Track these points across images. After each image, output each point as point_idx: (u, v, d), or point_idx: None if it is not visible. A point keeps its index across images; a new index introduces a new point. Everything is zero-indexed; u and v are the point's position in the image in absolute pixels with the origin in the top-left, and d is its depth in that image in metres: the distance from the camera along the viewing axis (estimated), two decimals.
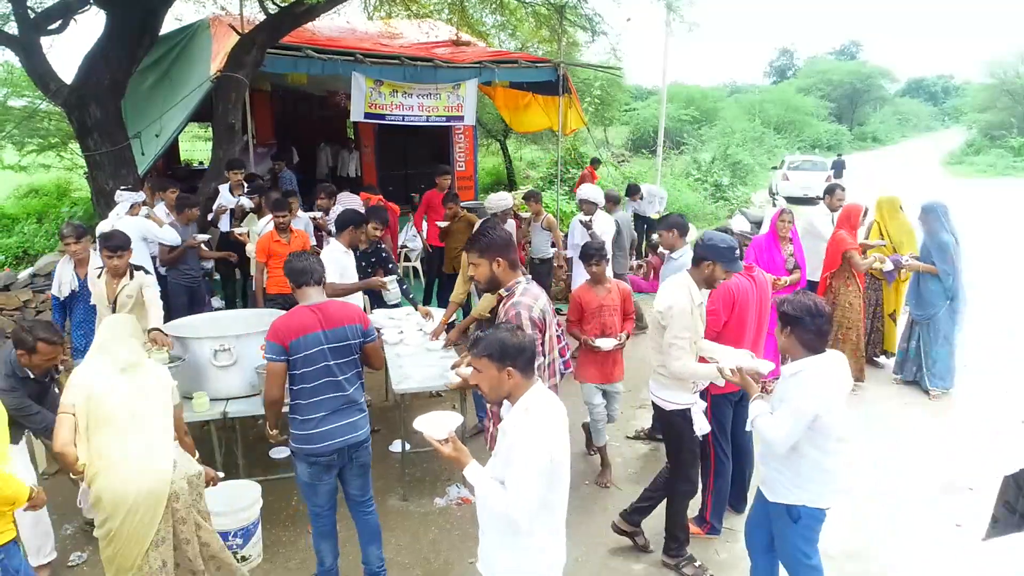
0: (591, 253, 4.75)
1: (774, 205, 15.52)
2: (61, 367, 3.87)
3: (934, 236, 6.05)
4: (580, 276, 6.04)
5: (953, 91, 65.70)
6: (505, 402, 2.50)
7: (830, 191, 6.94)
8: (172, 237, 6.04)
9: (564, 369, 4.16)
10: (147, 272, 5.00)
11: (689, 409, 3.71)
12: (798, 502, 3.00)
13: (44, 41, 7.02)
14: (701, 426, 3.74)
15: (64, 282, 5.04)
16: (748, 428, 3.13)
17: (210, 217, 7.09)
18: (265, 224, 6.32)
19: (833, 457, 2.96)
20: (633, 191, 10.75)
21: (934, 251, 6.05)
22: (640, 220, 10.97)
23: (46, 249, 9.31)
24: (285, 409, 3.41)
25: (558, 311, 8.52)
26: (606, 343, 4.61)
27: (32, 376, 3.58)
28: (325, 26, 9.33)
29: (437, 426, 2.47)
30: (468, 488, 4.56)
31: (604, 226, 6.83)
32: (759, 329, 4.12)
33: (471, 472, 2.40)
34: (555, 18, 10.40)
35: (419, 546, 4.18)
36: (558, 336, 3.53)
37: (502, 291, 3.25)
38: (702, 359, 3.57)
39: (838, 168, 22.52)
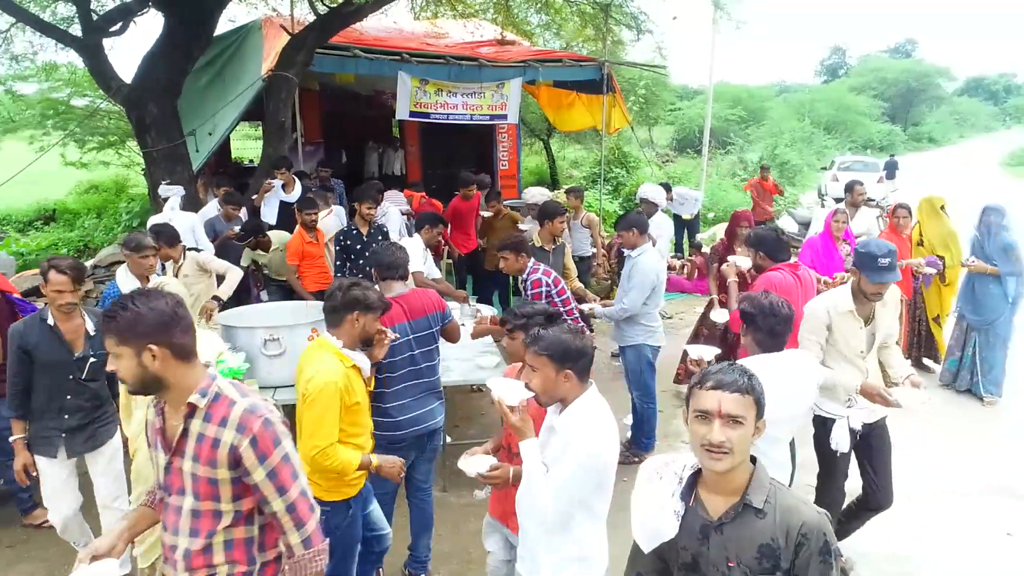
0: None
1: (823, 206, 15.22)
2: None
3: (997, 238, 5.80)
4: None
5: (1015, 90, 63.24)
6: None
7: (849, 188, 6.83)
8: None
9: None
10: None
11: (833, 420, 3.51)
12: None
13: (106, 43, 7.30)
14: (838, 441, 3.48)
15: None
16: None
17: (253, 197, 7.26)
18: (322, 219, 6.46)
19: (762, 458, 2.88)
20: (665, 191, 10.65)
21: (996, 254, 5.80)
22: (679, 222, 10.91)
23: (105, 242, 9.68)
24: None
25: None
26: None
27: (50, 321, 3.42)
28: (372, 26, 9.48)
29: (510, 391, 2.42)
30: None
31: (661, 228, 6.81)
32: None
33: (527, 447, 2.39)
34: (600, 17, 10.37)
35: (459, 537, 4.24)
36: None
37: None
38: None
39: (891, 169, 21.90)
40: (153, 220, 6.17)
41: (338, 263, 5.75)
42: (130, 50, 8.01)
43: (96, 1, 7.76)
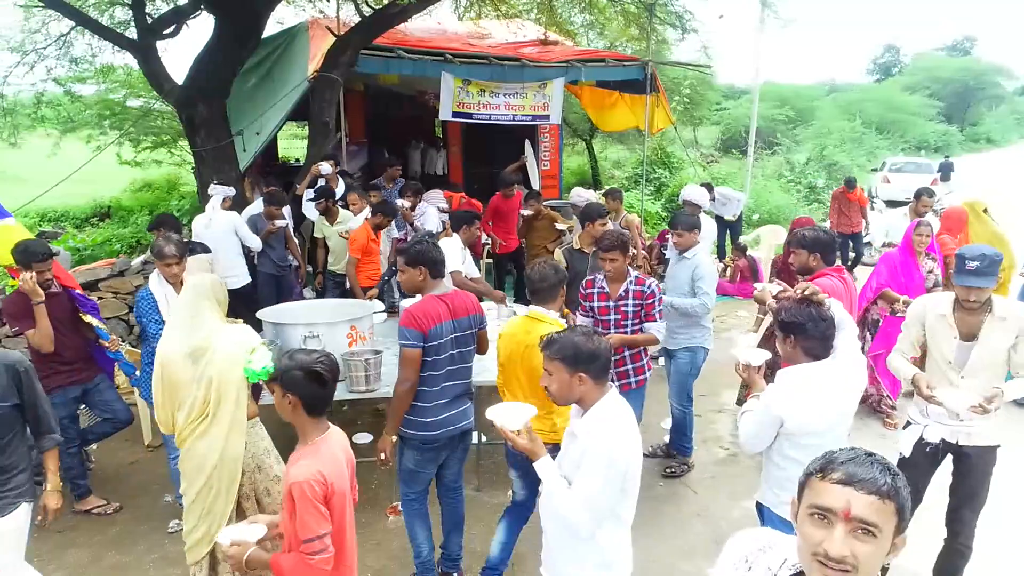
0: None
1: (872, 208, 14.79)
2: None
3: None
4: None
5: None
6: (574, 407, 2.48)
7: (916, 195, 6.59)
8: (254, 244, 6.36)
9: (617, 381, 4.19)
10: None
11: (910, 424, 3.48)
12: (763, 502, 2.96)
13: (159, 45, 7.53)
14: (903, 445, 3.42)
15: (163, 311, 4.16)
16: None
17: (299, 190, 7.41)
18: (365, 217, 6.54)
19: (799, 468, 2.81)
20: (708, 190, 10.41)
21: None
22: (721, 223, 10.66)
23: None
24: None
25: None
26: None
27: None
28: (416, 27, 9.57)
29: (511, 416, 2.48)
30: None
31: (704, 230, 6.73)
32: None
33: (543, 466, 2.42)
34: (644, 16, 10.29)
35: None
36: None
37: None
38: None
39: (945, 170, 21.19)
40: (197, 219, 6.36)
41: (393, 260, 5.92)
42: (182, 52, 8.23)
43: (151, 4, 8.00)
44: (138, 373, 4.71)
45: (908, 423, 3.51)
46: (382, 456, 3.44)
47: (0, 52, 9.37)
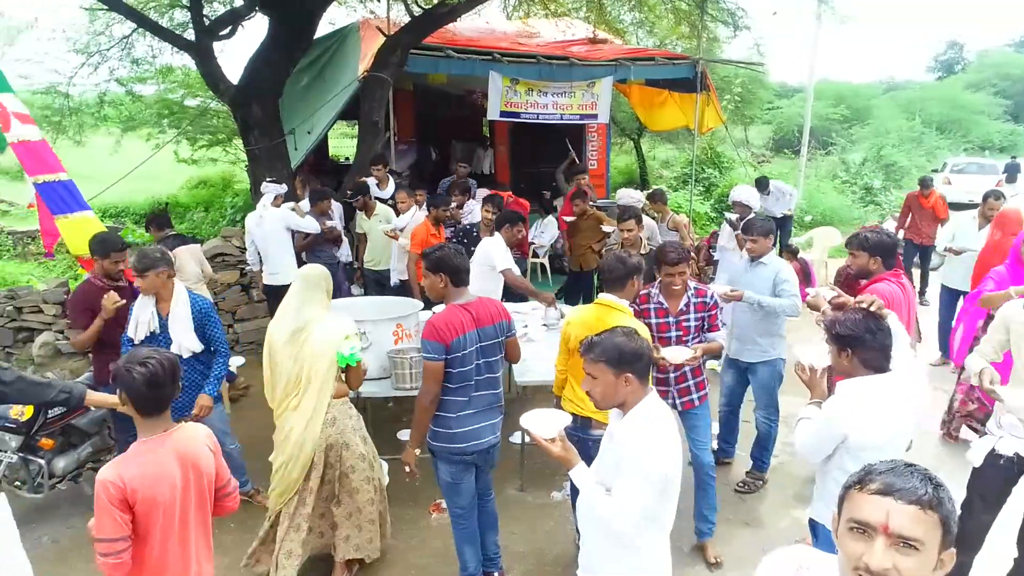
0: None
1: None
2: None
3: None
4: (723, 279, 5.81)
5: None
6: (614, 410, 2.44)
7: (984, 198, 6.30)
8: (312, 226, 6.45)
9: (679, 399, 3.98)
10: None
11: (983, 434, 3.37)
12: (818, 518, 2.83)
13: (216, 46, 7.73)
14: (974, 455, 3.30)
15: (142, 322, 3.93)
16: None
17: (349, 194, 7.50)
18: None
19: None
20: (762, 185, 9.84)
21: None
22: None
23: (211, 235, 10.22)
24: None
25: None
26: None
27: None
28: (465, 27, 9.60)
29: (544, 424, 2.45)
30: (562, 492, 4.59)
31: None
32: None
33: (578, 474, 2.39)
34: (696, 13, 10.13)
35: (534, 536, 4.23)
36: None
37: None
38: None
39: (1011, 171, 20.29)
40: (249, 216, 6.49)
41: None
42: (237, 53, 8.43)
43: (208, 6, 8.22)
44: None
45: (983, 432, 3.38)
46: (407, 469, 3.45)
47: (67, 54, 9.75)
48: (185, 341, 3.96)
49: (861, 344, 2.62)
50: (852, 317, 2.68)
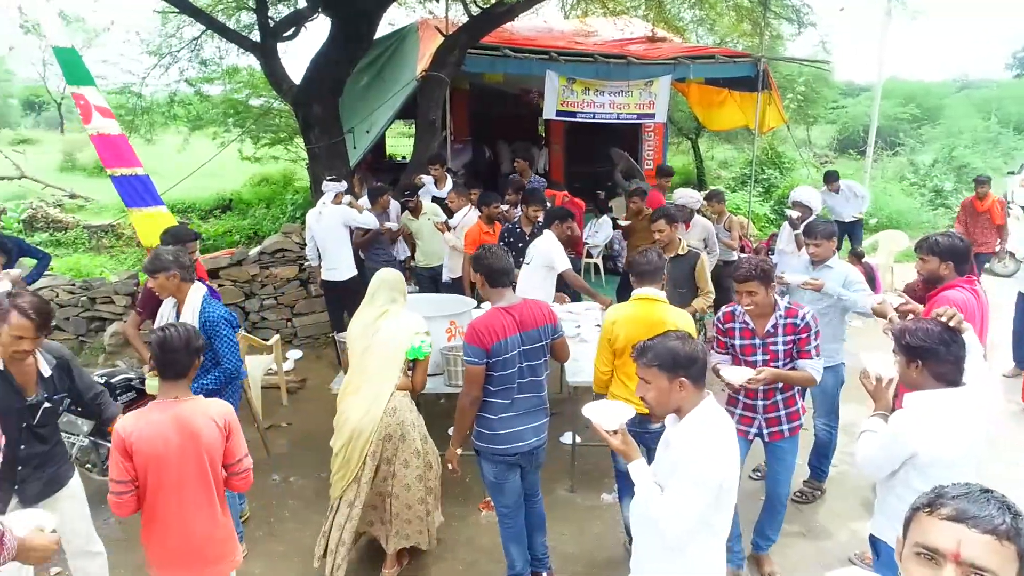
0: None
1: (1008, 214, 13.63)
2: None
3: None
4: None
5: None
6: (670, 415, 2.39)
7: None
8: (371, 222, 6.55)
9: (767, 428, 3.68)
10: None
11: None
12: (880, 535, 2.70)
13: (279, 47, 7.94)
14: None
15: (162, 316, 4.04)
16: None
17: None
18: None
19: None
20: (830, 177, 9.20)
21: None
22: (840, 227, 9.82)
23: (272, 231, 10.49)
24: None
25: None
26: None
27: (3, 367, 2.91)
28: (523, 26, 9.62)
29: (607, 415, 2.41)
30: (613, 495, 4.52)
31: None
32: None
33: (636, 469, 2.36)
34: (758, 10, 9.90)
35: (583, 538, 4.21)
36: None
37: None
38: None
39: None
40: (310, 213, 6.63)
41: None
42: (299, 55, 8.62)
43: (273, 8, 8.44)
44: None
45: None
46: (449, 467, 3.51)
47: (140, 55, 10.17)
48: None
49: (934, 356, 2.48)
50: (924, 327, 2.54)
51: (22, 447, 2.97)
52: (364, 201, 7.08)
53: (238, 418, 2.79)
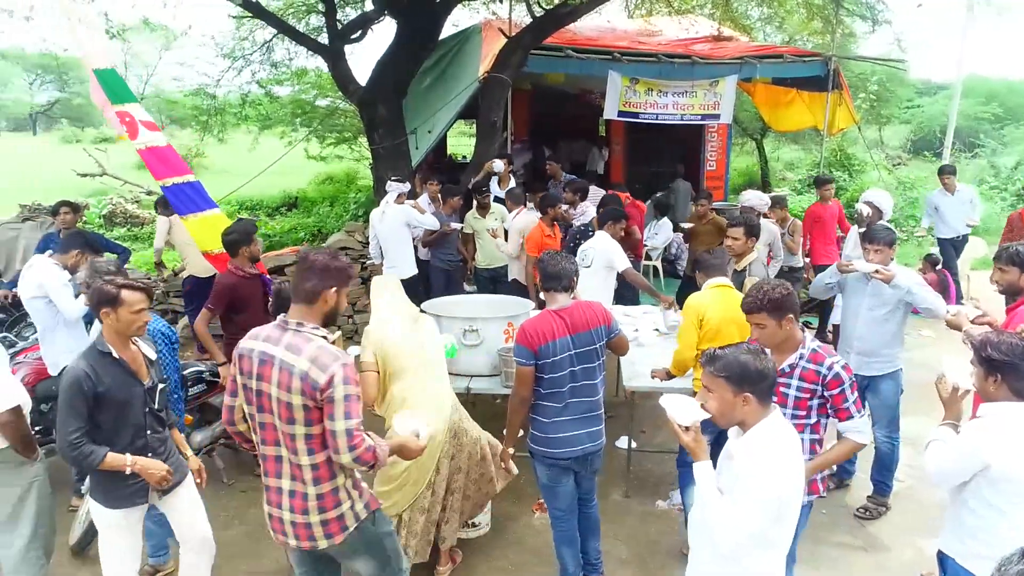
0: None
1: None
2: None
3: None
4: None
5: None
6: (734, 427, 2.35)
7: None
8: (432, 222, 6.63)
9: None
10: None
11: None
12: (948, 552, 2.59)
13: (346, 49, 8.13)
14: None
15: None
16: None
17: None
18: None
19: (1001, 518, 2.43)
20: (948, 170, 8.04)
21: None
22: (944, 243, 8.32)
23: (335, 228, 10.75)
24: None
25: (807, 324, 7.79)
26: None
27: (115, 354, 2.91)
28: (585, 26, 9.58)
29: (683, 410, 2.35)
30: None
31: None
32: None
33: (702, 470, 2.32)
34: (830, 8, 9.61)
35: (637, 544, 4.18)
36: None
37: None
38: None
39: None
40: (374, 212, 6.77)
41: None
42: (364, 56, 8.82)
43: (340, 11, 8.65)
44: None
45: None
46: (503, 467, 3.58)
47: (215, 58, 10.56)
48: None
49: (1014, 371, 2.40)
50: (1008, 341, 2.45)
51: (148, 432, 3.01)
52: (424, 201, 7.19)
53: None
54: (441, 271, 6.91)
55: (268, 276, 5.17)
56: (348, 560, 2.79)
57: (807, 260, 7.34)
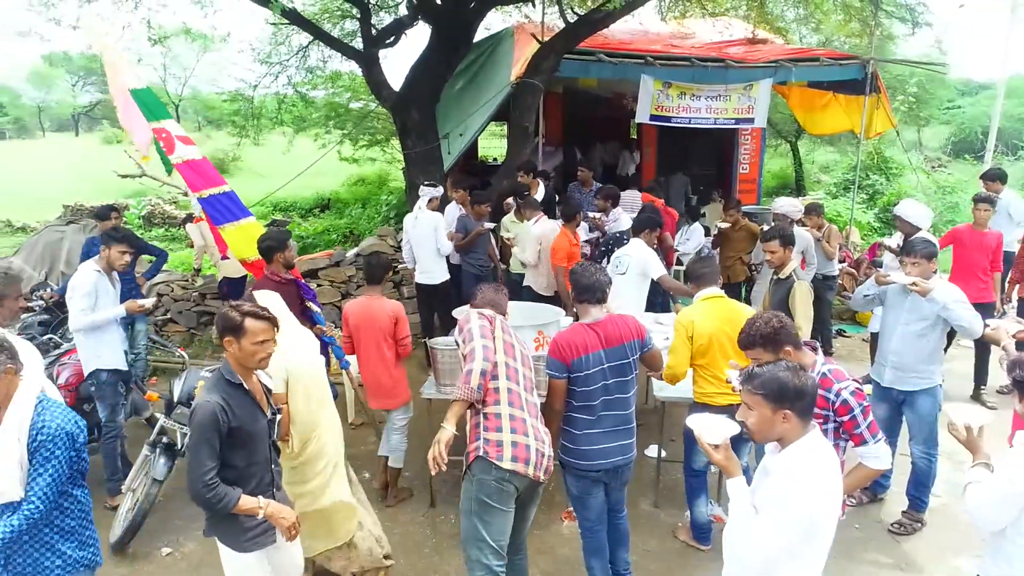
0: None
1: None
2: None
3: None
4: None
5: None
6: (772, 443, 2.34)
7: None
8: (445, 247, 6.53)
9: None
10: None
11: None
12: None
13: (379, 53, 8.22)
14: None
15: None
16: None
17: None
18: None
19: None
20: (996, 177, 6.91)
21: None
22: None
23: (367, 230, 10.88)
24: None
25: (841, 332, 7.65)
26: None
27: (245, 385, 2.79)
28: (618, 29, 9.51)
29: (712, 429, 2.37)
30: (722, 506, 4.42)
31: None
32: None
33: (735, 486, 2.32)
34: (868, 9, 9.43)
35: (666, 554, 4.16)
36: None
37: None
38: None
39: None
40: (407, 217, 6.82)
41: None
42: (397, 61, 8.90)
43: (375, 16, 8.75)
44: (347, 357, 5.07)
45: None
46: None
47: (253, 64, 10.76)
48: None
49: None
50: None
51: (272, 467, 2.91)
52: (451, 207, 7.08)
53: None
54: (472, 276, 6.94)
55: (303, 280, 5.25)
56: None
57: (842, 266, 7.20)
